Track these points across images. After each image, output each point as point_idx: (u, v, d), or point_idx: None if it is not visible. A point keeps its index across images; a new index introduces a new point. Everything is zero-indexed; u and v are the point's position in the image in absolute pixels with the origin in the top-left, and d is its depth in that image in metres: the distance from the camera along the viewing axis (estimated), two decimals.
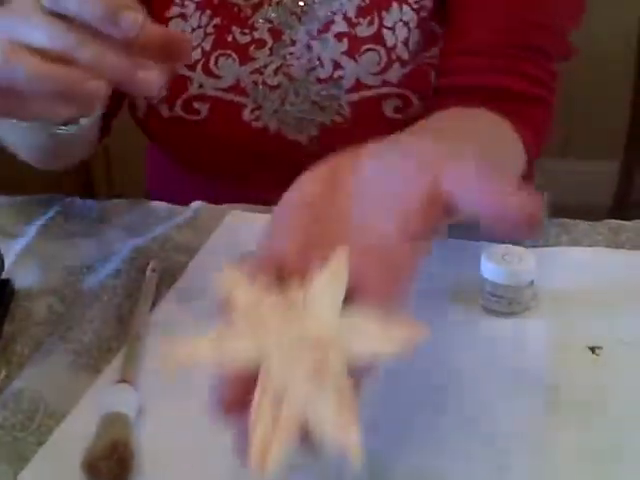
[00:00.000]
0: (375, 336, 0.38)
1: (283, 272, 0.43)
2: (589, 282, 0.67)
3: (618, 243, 0.72)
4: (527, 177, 0.68)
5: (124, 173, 1.96)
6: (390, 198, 0.45)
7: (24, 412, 0.56)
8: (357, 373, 0.39)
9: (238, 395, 0.38)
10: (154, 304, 0.67)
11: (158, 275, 0.70)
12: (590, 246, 0.71)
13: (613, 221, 0.75)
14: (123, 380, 0.57)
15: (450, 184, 0.44)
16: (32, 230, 0.79)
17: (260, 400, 0.37)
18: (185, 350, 0.40)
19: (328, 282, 0.41)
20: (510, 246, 0.64)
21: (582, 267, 0.68)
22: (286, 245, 0.44)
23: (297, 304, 0.40)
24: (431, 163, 0.45)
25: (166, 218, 0.80)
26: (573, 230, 0.74)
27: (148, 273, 0.69)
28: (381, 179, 0.46)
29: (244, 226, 0.77)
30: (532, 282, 0.64)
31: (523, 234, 0.40)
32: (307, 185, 0.48)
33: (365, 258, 0.42)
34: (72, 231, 0.79)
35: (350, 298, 0.41)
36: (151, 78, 0.52)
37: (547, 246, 0.71)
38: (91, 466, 0.51)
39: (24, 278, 0.71)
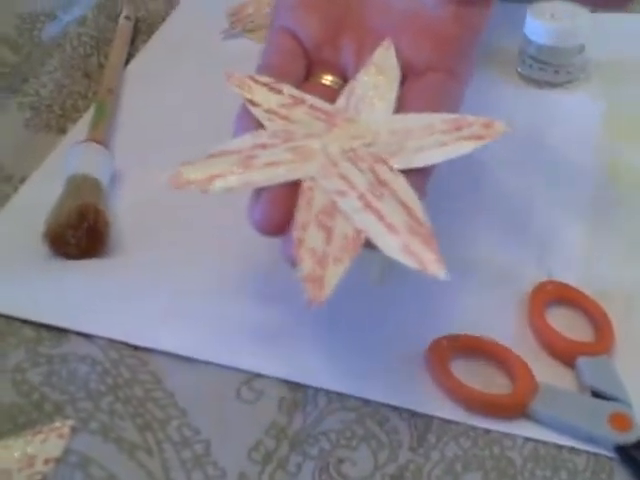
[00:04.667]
0: (440, 140, 0.32)
1: (309, 65, 0.35)
2: None
3: None
4: None
5: None
6: None
7: None
8: (418, 179, 0.31)
9: (282, 214, 0.30)
10: (129, 57, 0.56)
11: (133, 23, 0.58)
12: None
13: None
14: (93, 140, 0.47)
15: None
16: None
17: (305, 215, 0.30)
18: (202, 171, 0.31)
19: (376, 82, 0.34)
20: (562, 2, 0.53)
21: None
22: (307, 33, 0.35)
23: (340, 107, 0.34)
24: None
25: None
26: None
27: (121, 20, 0.58)
28: None
29: None
30: (583, 47, 0.53)
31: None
32: None
33: (414, 41, 0.34)
34: None
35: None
36: None
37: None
38: (56, 236, 0.41)
39: None
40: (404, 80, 0.35)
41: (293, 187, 0.31)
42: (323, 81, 0.35)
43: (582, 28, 0.53)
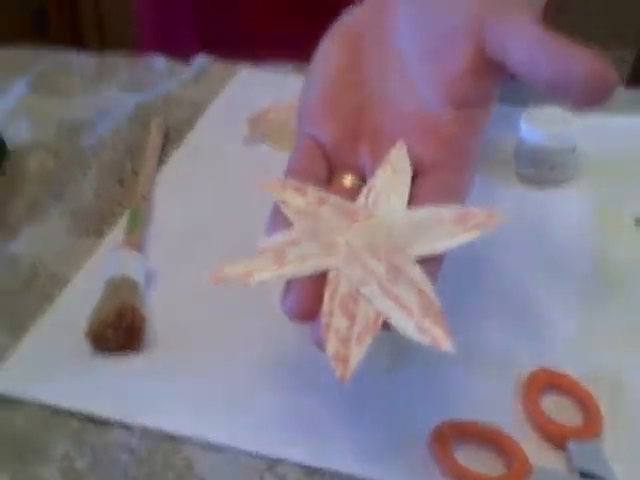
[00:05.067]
0: (449, 230, 0.36)
1: (331, 166, 0.40)
2: (635, 152, 0.61)
3: None
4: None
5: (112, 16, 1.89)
6: (431, 59, 0.39)
7: (22, 277, 0.52)
8: (430, 266, 0.36)
9: (311, 301, 0.35)
10: (160, 162, 0.61)
11: (163, 133, 0.64)
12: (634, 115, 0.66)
13: None
14: (128, 244, 0.52)
15: (501, 39, 0.36)
16: (22, 84, 0.72)
17: (331, 303, 0.34)
18: (240, 268, 0.36)
19: (391, 180, 0.38)
20: (551, 107, 0.58)
21: (627, 136, 0.63)
22: (328, 138, 0.40)
23: (360, 204, 0.38)
24: (475, 14, 0.38)
25: (168, 73, 0.74)
26: (615, 98, 0.68)
27: (152, 130, 0.63)
28: (417, 35, 0.40)
29: (256, 85, 0.70)
30: (575, 147, 0.58)
31: (590, 100, 0.34)
32: (333, 58, 0.42)
33: (422, 143, 0.38)
34: (66, 86, 0.72)
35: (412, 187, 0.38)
36: None
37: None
38: (98, 334, 0.46)
39: (15, 134, 0.65)
40: (415, 177, 0.39)
41: (320, 277, 0.35)
42: (344, 180, 0.40)
43: (573, 131, 0.58)
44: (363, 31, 0.42)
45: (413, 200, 0.38)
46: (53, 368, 0.46)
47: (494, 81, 0.39)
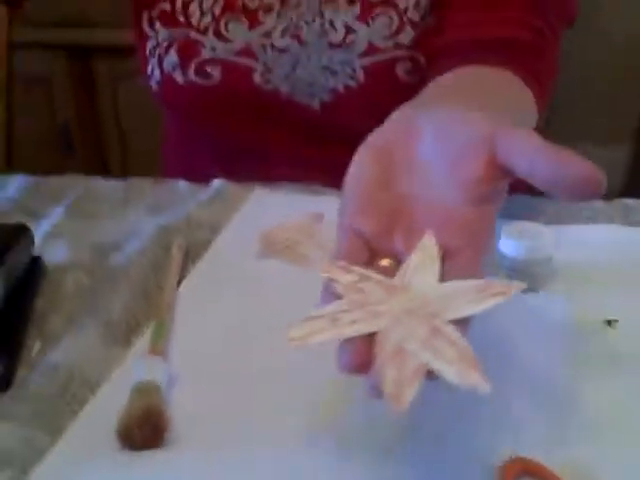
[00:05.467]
0: (474, 297, 0.43)
1: (371, 251, 0.48)
2: (605, 259, 0.68)
3: (632, 222, 0.74)
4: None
5: (138, 160, 1.99)
6: (452, 167, 0.48)
7: (60, 382, 0.58)
8: (460, 328, 0.43)
9: (363, 358, 0.42)
10: (181, 279, 0.69)
11: (184, 252, 0.72)
12: (605, 223, 0.73)
13: (628, 200, 0.77)
14: (153, 352, 0.59)
15: (508, 149, 0.46)
16: (59, 210, 0.81)
17: (382, 357, 0.41)
18: (304, 330, 0.44)
19: (423, 262, 0.46)
20: (527, 223, 0.66)
21: (598, 244, 0.70)
22: (367, 230, 0.48)
23: (397, 281, 0.46)
24: (487, 131, 0.47)
25: (188, 196, 0.82)
26: (588, 208, 0.75)
27: (174, 250, 0.71)
28: (439, 148, 0.49)
29: (269, 205, 0.79)
30: (551, 258, 0.65)
31: (582, 197, 0.42)
32: (367, 167, 0.50)
33: (447, 232, 0.47)
34: (97, 211, 0.81)
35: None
36: None
37: (563, 224, 0.72)
38: (126, 433, 0.52)
39: (53, 255, 0.73)
40: (443, 259, 0.47)
41: (369, 337, 0.42)
42: (382, 262, 0.48)
43: (548, 243, 0.65)
44: (391, 146, 0.51)
45: (442, 278, 0.46)
46: (86, 465, 0.52)
47: (505, 182, 0.48)
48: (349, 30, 0.79)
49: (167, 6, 0.82)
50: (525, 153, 0.44)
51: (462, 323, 0.43)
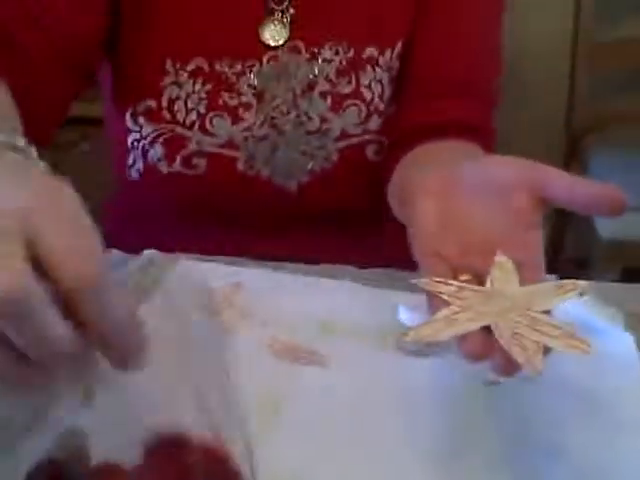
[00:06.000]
0: (553, 294, 0.54)
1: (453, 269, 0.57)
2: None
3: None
4: None
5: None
6: (503, 203, 0.58)
7: None
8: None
9: (482, 346, 0.50)
10: None
11: None
12: None
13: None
14: None
15: (547, 183, 0.56)
16: None
17: (505, 343, 0.50)
18: (426, 331, 0.52)
19: (504, 274, 0.55)
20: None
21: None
22: (449, 252, 0.58)
23: (488, 290, 0.55)
24: (523, 172, 0.58)
25: (121, 265, 0.80)
26: None
27: None
28: (486, 186, 0.59)
29: (196, 273, 0.77)
30: None
31: (610, 213, 0.54)
32: (429, 210, 0.60)
33: (510, 252, 0.56)
34: None
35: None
36: None
37: None
38: None
39: None
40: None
41: (482, 331, 0.50)
42: (463, 278, 0.55)
43: None
44: (446, 190, 0.60)
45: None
46: None
47: (544, 210, 0.57)
48: (323, 119, 0.85)
49: (153, 103, 0.84)
50: (564, 185, 0.55)
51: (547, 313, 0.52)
